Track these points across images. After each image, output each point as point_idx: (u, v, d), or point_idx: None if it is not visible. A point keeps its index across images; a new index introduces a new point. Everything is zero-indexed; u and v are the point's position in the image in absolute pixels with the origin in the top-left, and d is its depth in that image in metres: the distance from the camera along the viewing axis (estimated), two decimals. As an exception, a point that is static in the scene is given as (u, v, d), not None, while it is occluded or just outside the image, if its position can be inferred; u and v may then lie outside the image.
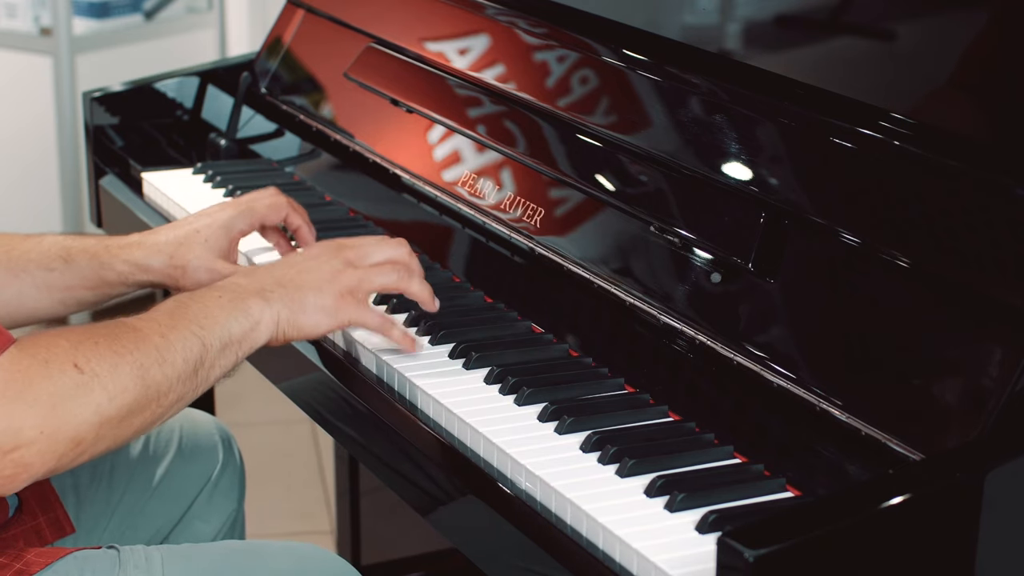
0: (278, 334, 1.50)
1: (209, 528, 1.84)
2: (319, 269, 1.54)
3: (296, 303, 1.51)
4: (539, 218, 1.70)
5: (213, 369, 1.44)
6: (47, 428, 1.29)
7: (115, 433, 1.35)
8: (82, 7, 3.95)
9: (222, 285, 1.51)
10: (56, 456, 1.31)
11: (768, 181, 1.49)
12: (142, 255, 1.71)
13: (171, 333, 1.41)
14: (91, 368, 1.33)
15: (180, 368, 1.40)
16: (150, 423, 1.40)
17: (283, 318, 1.50)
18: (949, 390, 1.26)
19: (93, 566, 1.45)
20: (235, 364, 1.48)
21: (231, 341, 1.46)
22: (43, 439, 1.29)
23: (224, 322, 1.45)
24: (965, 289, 1.28)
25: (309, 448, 3.58)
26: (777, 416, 1.38)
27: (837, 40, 1.56)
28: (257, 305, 1.48)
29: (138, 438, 1.41)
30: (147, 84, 2.41)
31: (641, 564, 1.21)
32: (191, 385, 1.42)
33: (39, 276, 1.69)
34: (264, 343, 1.49)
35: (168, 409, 1.41)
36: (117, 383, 1.34)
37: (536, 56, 1.84)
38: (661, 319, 1.51)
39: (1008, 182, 1.28)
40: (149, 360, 1.37)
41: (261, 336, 1.49)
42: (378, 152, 2.01)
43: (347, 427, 1.61)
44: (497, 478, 1.38)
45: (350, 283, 1.54)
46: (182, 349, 1.41)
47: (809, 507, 1.16)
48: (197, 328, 1.43)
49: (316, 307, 1.51)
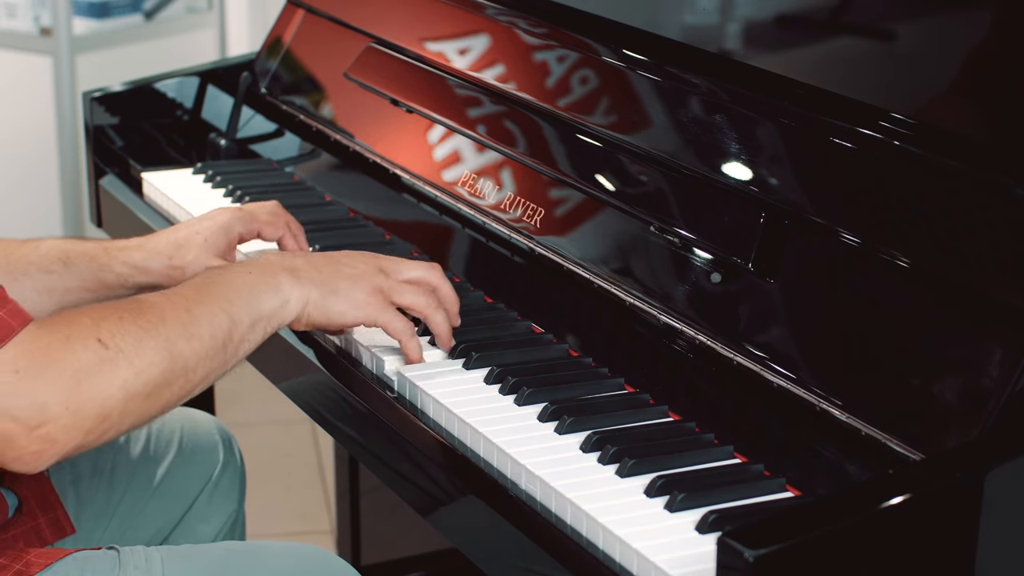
0: (304, 315, 1.50)
1: (209, 528, 1.84)
2: (354, 265, 1.54)
3: (328, 287, 1.50)
4: (539, 218, 1.70)
5: (243, 344, 1.44)
6: (72, 403, 1.29)
7: (143, 408, 1.35)
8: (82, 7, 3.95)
9: (252, 261, 1.51)
10: (83, 432, 1.30)
11: (768, 181, 1.49)
12: (141, 257, 1.71)
13: (197, 308, 1.40)
14: (115, 343, 1.33)
15: (208, 343, 1.39)
16: (178, 398, 1.39)
17: (312, 299, 1.49)
18: (949, 390, 1.26)
19: (93, 566, 1.45)
20: (263, 339, 1.47)
21: (261, 317, 1.45)
22: (69, 414, 1.29)
23: (254, 298, 1.45)
24: (965, 289, 1.28)
25: (309, 448, 3.58)
26: (777, 416, 1.38)
27: (837, 40, 1.56)
28: (288, 282, 1.48)
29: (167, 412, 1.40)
30: (147, 84, 2.41)
31: (641, 564, 1.21)
32: (220, 360, 1.41)
33: (39, 279, 1.69)
34: (290, 321, 1.49)
35: (197, 384, 1.40)
36: (143, 357, 1.34)
37: (536, 56, 1.84)
38: (661, 319, 1.51)
39: (1008, 182, 1.28)
40: (175, 334, 1.37)
41: (289, 313, 1.48)
42: (378, 152, 2.01)
43: (347, 427, 1.61)
44: (497, 478, 1.38)
45: (382, 285, 1.54)
46: (209, 324, 1.40)
47: (809, 507, 1.16)
48: (225, 303, 1.42)
49: (347, 296, 1.51)
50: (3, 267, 1.68)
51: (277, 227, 1.79)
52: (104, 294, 1.72)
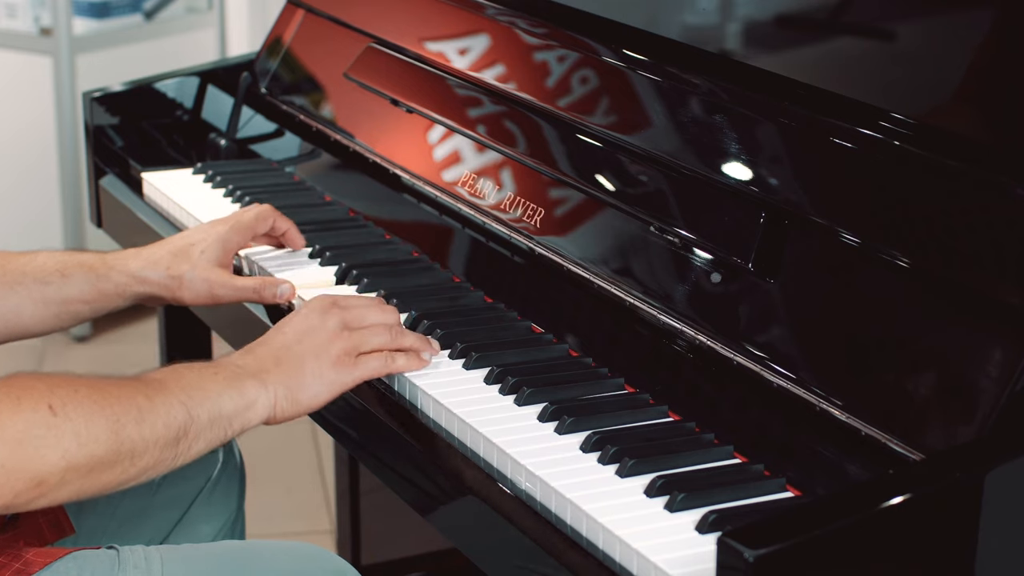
0: (276, 413, 1.48)
1: (209, 528, 1.84)
2: (315, 335, 1.52)
3: (294, 380, 1.48)
4: (539, 218, 1.70)
5: (198, 441, 1.42)
6: (8, 462, 1.28)
7: (81, 483, 1.33)
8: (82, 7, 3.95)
9: (220, 362, 1.49)
10: (13, 492, 1.29)
11: (768, 181, 1.49)
12: (138, 266, 1.72)
13: (157, 396, 1.39)
14: (65, 412, 1.31)
15: (160, 432, 1.37)
16: (119, 483, 1.37)
17: (280, 397, 1.48)
18: (949, 390, 1.26)
19: (93, 566, 1.45)
20: (223, 440, 1.45)
21: (220, 416, 1.43)
22: (3, 473, 1.28)
23: (216, 397, 1.43)
24: (965, 289, 1.28)
25: (309, 448, 3.58)
26: (777, 416, 1.38)
27: (837, 40, 1.56)
28: (254, 387, 1.46)
29: (105, 494, 1.38)
30: (147, 84, 2.41)
31: (641, 564, 1.21)
32: (170, 453, 1.39)
33: (35, 290, 1.69)
34: (261, 422, 1.48)
35: (141, 473, 1.38)
36: (90, 432, 1.32)
37: (536, 56, 1.84)
38: (661, 319, 1.51)
39: (1008, 182, 1.28)
40: (127, 417, 1.35)
41: (256, 416, 1.46)
42: (378, 152, 2.01)
43: (347, 427, 1.61)
44: (497, 478, 1.38)
45: (346, 346, 1.52)
46: (165, 414, 1.38)
47: (809, 507, 1.16)
48: (186, 397, 1.41)
49: (314, 378, 1.49)
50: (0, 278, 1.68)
51: (266, 220, 1.83)
52: (102, 304, 1.72)
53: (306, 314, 1.55)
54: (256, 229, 1.81)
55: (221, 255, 1.75)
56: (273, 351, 1.51)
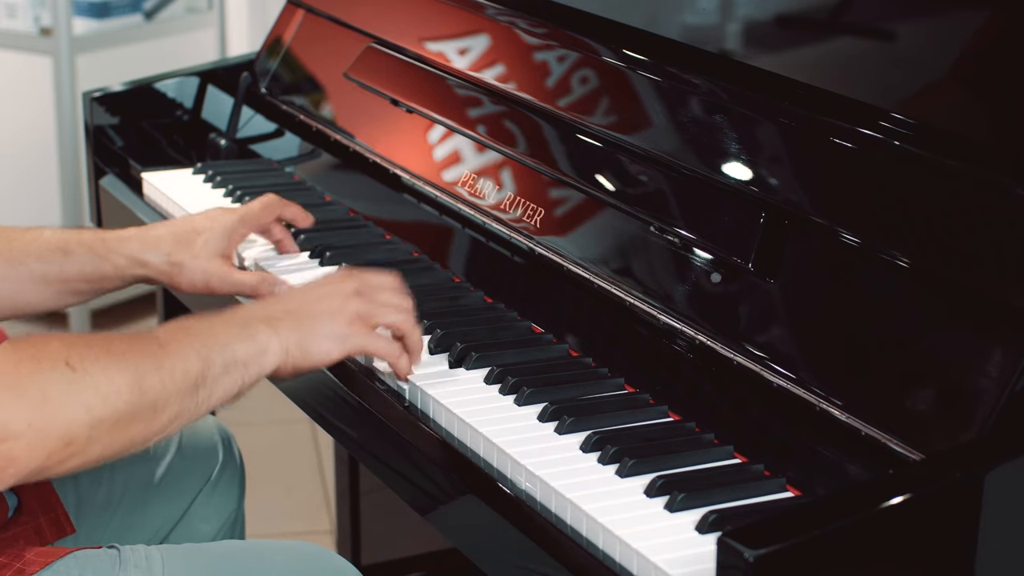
0: (287, 361, 1.47)
1: (209, 528, 1.84)
2: (330, 296, 1.52)
3: (306, 330, 1.48)
4: (539, 218, 1.70)
5: (216, 389, 1.41)
6: (36, 422, 1.28)
7: (109, 439, 1.33)
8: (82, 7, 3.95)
9: (229, 311, 1.49)
10: (45, 452, 1.29)
11: (768, 181, 1.49)
12: (139, 248, 1.72)
13: (171, 345, 1.39)
14: (83, 367, 1.31)
15: (179, 380, 1.37)
16: (146, 436, 1.37)
17: (292, 345, 1.47)
18: (949, 390, 1.26)
19: (94, 566, 1.45)
20: (240, 389, 1.44)
21: (235, 363, 1.43)
22: (31, 433, 1.27)
23: (229, 343, 1.43)
24: (965, 289, 1.28)
25: (309, 448, 3.58)
26: (777, 416, 1.38)
27: (837, 40, 1.56)
28: (264, 332, 1.46)
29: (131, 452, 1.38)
30: (147, 84, 2.41)
31: (641, 564, 1.21)
32: (191, 402, 1.39)
33: (37, 268, 1.69)
34: (272, 370, 1.47)
35: (167, 424, 1.38)
36: (110, 384, 1.32)
37: (536, 56, 1.84)
38: (661, 319, 1.51)
39: (1008, 182, 1.28)
40: (146, 367, 1.35)
41: (268, 363, 1.46)
42: (378, 152, 2.01)
43: (347, 427, 1.61)
44: (497, 478, 1.38)
45: (361, 310, 1.52)
46: (182, 362, 1.38)
47: (809, 507, 1.16)
48: (200, 346, 1.40)
49: (327, 334, 1.49)
50: (5, 255, 1.69)
51: (272, 209, 1.82)
52: (102, 285, 1.73)
53: (325, 280, 1.56)
54: (261, 219, 1.81)
55: (224, 246, 1.75)
56: (286, 304, 1.52)
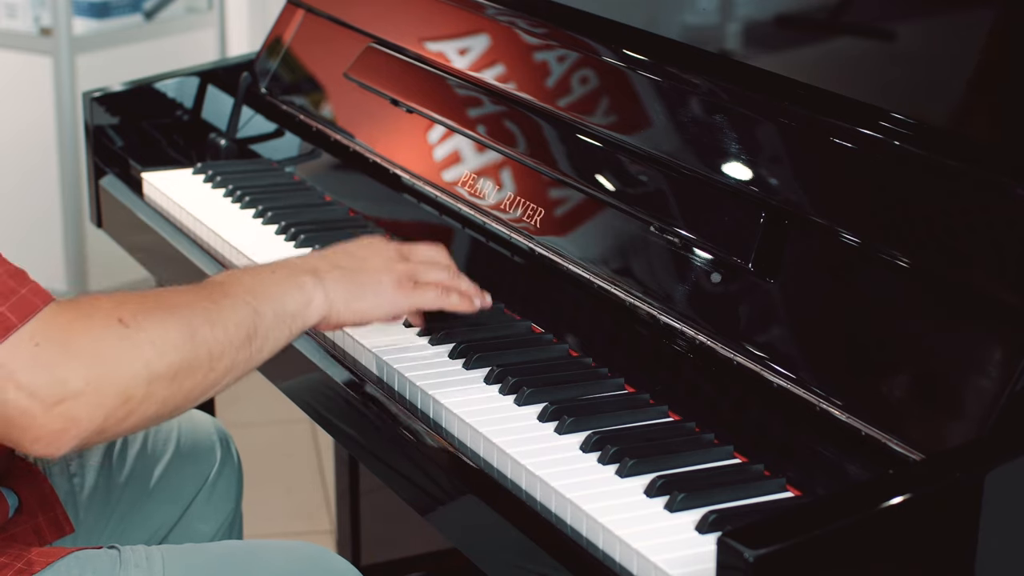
0: (331, 315, 1.48)
1: (207, 528, 1.84)
2: (375, 257, 1.53)
3: (354, 286, 1.49)
4: (539, 218, 1.70)
5: (267, 340, 1.42)
6: (93, 379, 1.27)
7: (166, 393, 1.32)
8: (82, 7, 3.95)
9: (275, 262, 1.50)
10: (104, 411, 1.27)
11: (768, 181, 1.49)
12: None
13: (222, 299, 1.39)
14: (136, 322, 1.30)
15: (232, 332, 1.37)
16: (203, 389, 1.36)
17: (338, 299, 1.48)
18: (949, 390, 1.26)
19: (95, 565, 1.45)
20: (288, 340, 1.45)
21: (284, 314, 1.43)
22: (90, 391, 1.26)
23: (278, 295, 1.43)
24: (965, 289, 1.28)
25: (309, 448, 3.58)
26: (777, 416, 1.38)
27: (837, 40, 1.56)
28: (311, 284, 1.46)
29: (190, 407, 1.38)
30: (147, 84, 2.41)
31: (641, 564, 1.21)
32: (245, 354, 1.39)
33: None
34: (315, 323, 1.47)
35: (223, 376, 1.37)
36: (165, 339, 1.31)
37: (536, 56, 1.84)
38: (661, 319, 1.51)
39: (1008, 182, 1.28)
40: (198, 319, 1.35)
41: (313, 315, 1.46)
42: (378, 152, 2.01)
43: (347, 427, 1.61)
44: (497, 478, 1.38)
45: (406, 271, 1.53)
46: (233, 314, 1.38)
47: (809, 507, 1.16)
48: (250, 297, 1.41)
49: (374, 291, 1.50)
50: None
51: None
52: None
53: (367, 241, 1.57)
54: None
55: None
56: (333, 259, 1.52)
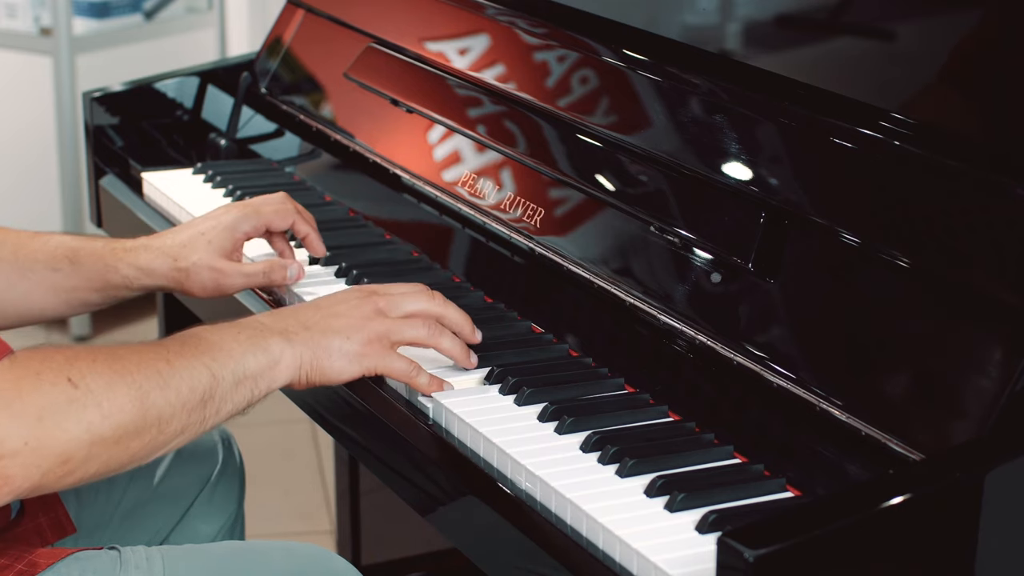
0: (300, 377, 1.45)
1: (209, 528, 1.84)
2: (348, 314, 1.49)
3: (321, 348, 1.45)
4: (539, 218, 1.70)
5: (224, 403, 1.39)
6: (32, 440, 1.25)
7: (109, 455, 1.31)
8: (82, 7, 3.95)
9: (243, 322, 1.47)
10: (40, 471, 1.27)
11: (768, 181, 1.49)
12: (146, 259, 1.70)
13: (178, 360, 1.36)
14: (85, 383, 1.29)
15: (185, 395, 1.35)
16: (149, 451, 1.35)
17: (306, 360, 1.45)
18: (949, 390, 1.26)
19: (95, 566, 1.45)
20: (250, 403, 1.42)
21: (246, 377, 1.40)
22: (27, 451, 1.25)
23: (240, 357, 1.40)
24: (965, 289, 1.28)
25: (309, 448, 3.58)
26: (777, 416, 1.38)
27: (837, 40, 1.56)
28: (278, 344, 1.43)
29: (136, 466, 1.36)
30: (147, 84, 2.41)
31: (641, 564, 1.21)
32: (198, 417, 1.37)
33: (45, 276, 1.68)
34: (285, 384, 1.45)
35: (171, 439, 1.36)
36: (113, 402, 1.30)
37: (536, 56, 1.84)
38: (661, 319, 1.51)
39: (1008, 182, 1.28)
40: (150, 383, 1.33)
41: (280, 376, 1.43)
42: (378, 152, 2.01)
43: (347, 427, 1.61)
44: (497, 478, 1.38)
45: (379, 330, 1.48)
46: (189, 377, 1.36)
47: (809, 507, 1.16)
48: (209, 360, 1.38)
49: (341, 353, 1.46)
50: (11, 263, 1.67)
51: (286, 217, 1.76)
52: (110, 294, 1.71)
53: (344, 296, 1.52)
54: (272, 224, 1.76)
55: (229, 244, 1.71)
56: (302, 318, 1.48)
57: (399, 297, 1.53)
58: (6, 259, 1.68)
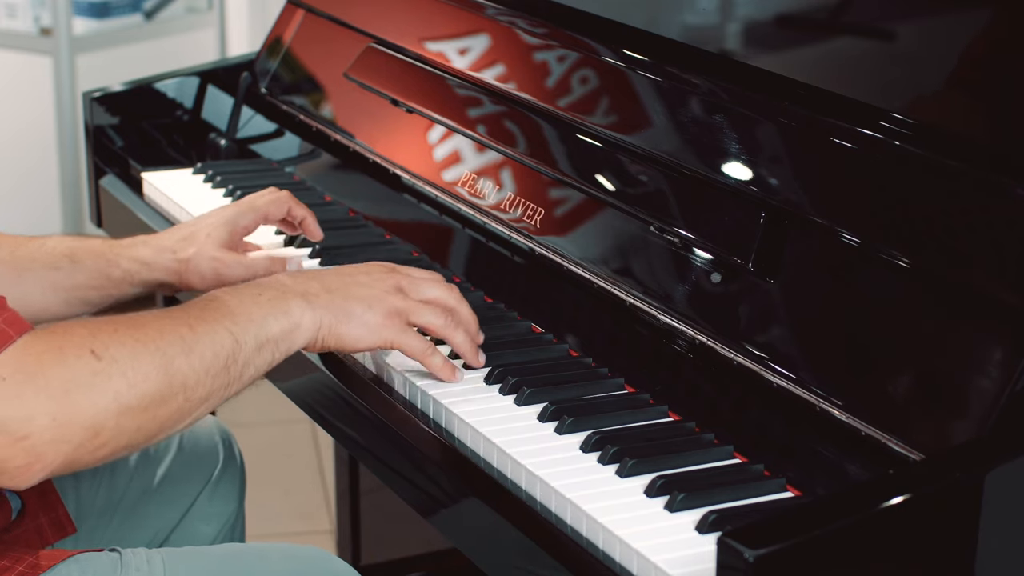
0: (317, 340, 1.45)
1: (210, 529, 1.84)
2: (371, 285, 1.49)
3: (343, 313, 1.46)
4: (539, 218, 1.70)
5: (248, 367, 1.39)
6: (60, 415, 1.25)
7: (137, 424, 1.30)
8: (82, 7, 3.95)
9: (264, 282, 1.47)
10: (72, 446, 1.26)
11: (768, 181, 1.49)
12: (146, 252, 1.71)
13: (200, 325, 1.36)
14: (109, 354, 1.29)
15: (209, 361, 1.35)
16: (178, 418, 1.34)
17: (325, 324, 1.45)
18: (949, 390, 1.26)
19: (95, 568, 1.45)
20: (271, 364, 1.43)
21: (268, 340, 1.41)
22: (56, 427, 1.25)
23: (261, 320, 1.41)
24: (965, 289, 1.28)
25: (309, 448, 3.58)
26: (777, 416, 1.38)
27: (837, 40, 1.56)
28: (299, 306, 1.44)
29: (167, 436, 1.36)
30: (147, 84, 2.41)
31: (641, 564, 1.21)
32: (222, 381, 1.37)
33: (45, 275, 1.68)
34: (302, 347, 1.45)
35: (198, 405, 1.36)
36: (138, 370, 1.30)
37: (536, 56, 1.84)
38: (661, 319, 1.51)
39: (1008, 182, 1.28)
40: (173, 349, 1.33)
41: (300, 339, 1.44)
42: (378, 152, 2.01)
43: (347, 427, 1.61)
44: (497, 478, 1.38)
45: (399, 306, 1.49)
46: (211, 343, 1.36)
47: (809, 507, 1.16)
48: (230, 323, 1.38)
49: (361, 321, 1.46)
50: (9, 263, 1.68)
51: (281, 205, 1.79)
52: (111, 291, 1.72)
53: (367, 267, 1.53)
54: (269, 214, 1.78)
55: (227, 238, 1.73)
56: (326, 282, 1.49)
57: (420, 281, 1.54)
58: (3, 260, 1.68)
